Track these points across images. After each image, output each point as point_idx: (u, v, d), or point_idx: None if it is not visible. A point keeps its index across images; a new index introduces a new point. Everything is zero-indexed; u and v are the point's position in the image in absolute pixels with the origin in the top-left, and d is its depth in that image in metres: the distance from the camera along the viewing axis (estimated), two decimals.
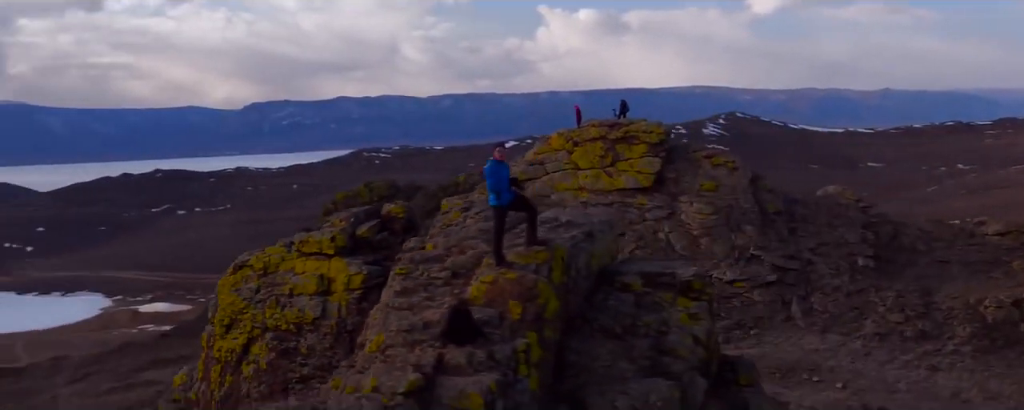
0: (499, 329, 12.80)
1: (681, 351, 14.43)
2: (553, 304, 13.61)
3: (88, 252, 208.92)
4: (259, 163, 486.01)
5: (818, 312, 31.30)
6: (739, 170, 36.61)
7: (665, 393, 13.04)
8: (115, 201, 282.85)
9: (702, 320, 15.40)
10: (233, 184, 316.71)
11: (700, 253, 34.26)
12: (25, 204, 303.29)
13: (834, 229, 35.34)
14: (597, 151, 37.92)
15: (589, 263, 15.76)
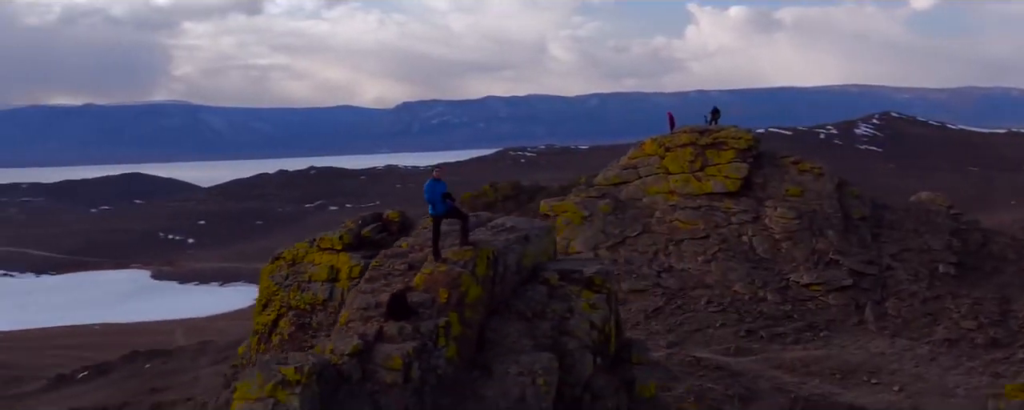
0: (430, 310, 16.25)
1: (578, 333, 17.68)
2: (474, 291, 16.93)
3: (245, 245, 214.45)
4: (409, 161, 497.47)
5: (891, 317, 31.88)
6: (825, 176, 37.34)
7: (546, 363, 16.47)
8: (271, 196, 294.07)
9: (600, 309, 18.45)
10: (383, 181, 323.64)
11: (780, 256, 35.28)
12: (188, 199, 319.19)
13: (920, 236, 35.67)
14: (687, 156, 39.32)
15: (520, 261, 19.03)
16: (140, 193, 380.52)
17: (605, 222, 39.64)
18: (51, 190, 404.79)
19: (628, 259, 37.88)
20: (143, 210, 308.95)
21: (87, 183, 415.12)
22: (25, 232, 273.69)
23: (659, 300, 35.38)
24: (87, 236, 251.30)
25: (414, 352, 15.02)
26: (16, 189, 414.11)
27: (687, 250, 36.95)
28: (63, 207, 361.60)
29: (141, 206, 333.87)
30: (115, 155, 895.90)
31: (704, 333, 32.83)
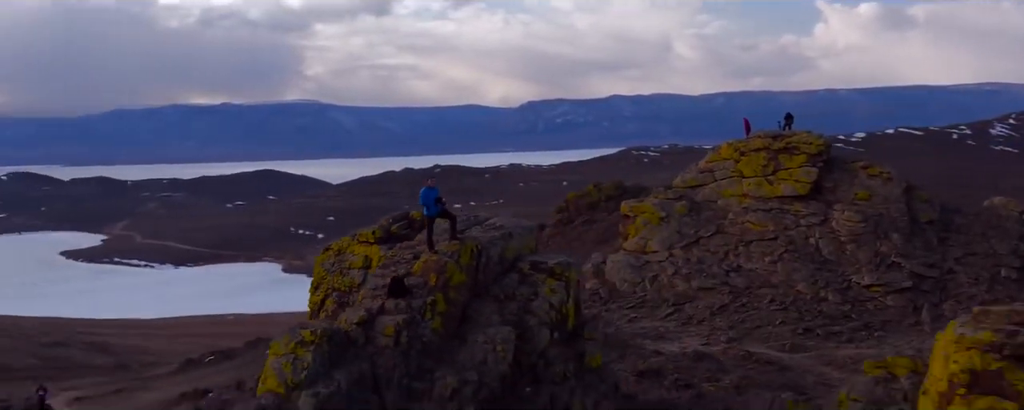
0: (422, 290, 20.42)
1: (538, 312, 21.70)
2: (457, 277, 20.95)
3: None
4: (532, 160, 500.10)
5: (947, 318, 32.68)
6: (893, 181, 38.28)
7: (506, 335, 20.63)
8: (397, 194, 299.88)
9: (558, 293, 22.36)
10: (507, 180, 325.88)
11: (844, 258, 36.52)
12: (318, 195, 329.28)
13: (987, 240, 36.32)
14: (760, 161, 40.80)
15: (502, 253, 22.94)
16: (273, 189, 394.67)
17: (681, 223, 41.46)
18: (189, 186, 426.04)
19: (700, 258, 39.68)
20: (275, 206, 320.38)
21: (223, 179, 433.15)
22: (165, 226, 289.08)
23: (726, 298, 37.14)
24: (222, 230, 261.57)
25: (404, 323, 19.64)
26: (157, 184, 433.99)
27: (756, 251, 38.51)
28: (200, 202, 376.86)
29: (273, 202, 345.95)
30: (249, 152, 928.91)
31: (764, 330, 34.44)
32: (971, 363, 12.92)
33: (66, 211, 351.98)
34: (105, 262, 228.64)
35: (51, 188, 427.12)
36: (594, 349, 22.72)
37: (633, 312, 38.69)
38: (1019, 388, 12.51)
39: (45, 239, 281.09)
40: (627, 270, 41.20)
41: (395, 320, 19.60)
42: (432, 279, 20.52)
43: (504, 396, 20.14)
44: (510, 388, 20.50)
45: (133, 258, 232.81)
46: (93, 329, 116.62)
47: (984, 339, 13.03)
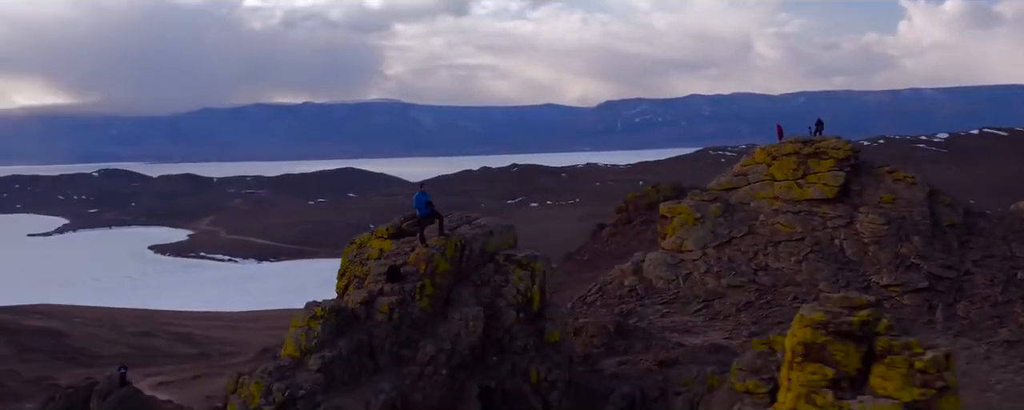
0: (414, 276, 24.97)
1: (507, 296, 26.21)
2: (442, 266, 25.59)
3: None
4: (609, 160, 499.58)
5: (960, 318, 34.27)
6: (917, 185, 39.66)
7: (477, 313, 25.17)
8: (474, 193, 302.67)
9: (524, 281, 26.61)
10: (583, 179, 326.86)
11: (867, 259, 38.11)
12: (396, 193, 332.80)
13: (1007, 243, 37.53)
14: (791, 165, 42.51)
15: (483, 248, 27.48)
16: (353, 187, 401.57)
17: (715, 224, 43.39)
18: (272, 183, 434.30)
19: (731, 257, 41.61)
20: (355, 203, 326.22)
21: (305, 177, 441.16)
22: (248, 222, 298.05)
23: (752, 295, 39.03)
24: (304, 227, 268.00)
25: (397, 302, 24.48)
26: (241, 181, 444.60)
27: (783, 251, 40.29)
28: (283, 199, 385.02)
29: (354, 199, 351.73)
30: (331, 151, 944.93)
31: (783, 326, 36.19)
32: (805, 337, 16.27)
33: (155, 207, 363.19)
34: (191, 256, 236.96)
35: (140, 184, 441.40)
36: (553, 327, 26.74)
37: (665, 307, 40.81)
38: (837, 357, 15.91)
39: (135, 234, 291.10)
40: (663, 268, 43.31)
41: (390, 300, 24.37)
42: (422, 267, 25.05)
43: (473, 363, 24.71)
44: (479, 357, 25.05)
45: (218, 253, 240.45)
46: (179, 321, 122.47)
47: (816, 319, 16.36)
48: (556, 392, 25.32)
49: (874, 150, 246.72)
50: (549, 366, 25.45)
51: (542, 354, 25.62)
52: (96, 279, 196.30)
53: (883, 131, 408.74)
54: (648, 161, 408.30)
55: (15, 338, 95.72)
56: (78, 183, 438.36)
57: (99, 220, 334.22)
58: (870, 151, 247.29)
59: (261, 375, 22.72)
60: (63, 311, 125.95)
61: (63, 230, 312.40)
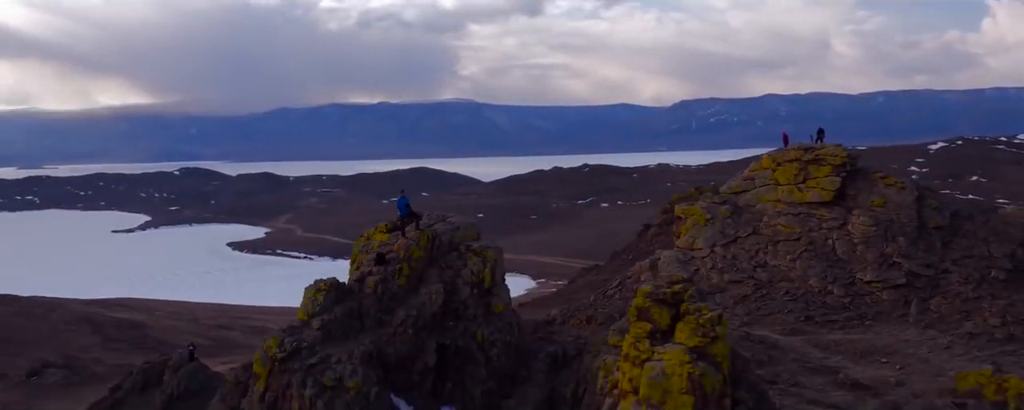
0: (396, 261, 31.84)
1: (464, 276, 32.55)
2: (417, 253, 32.33)
3: (519, 237, 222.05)
4: (684, 160, 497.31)
5: (931, 312, 37.34)
6: (906, 190, 42.70)
7: (438, 289, 31.80)
8: (545, 192, 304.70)
9: (478, 265, 32.83)
10: (654, 179, 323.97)
11: (855, 258, 41.35)
12: (469, 192, 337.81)
13: (987, 244, 40.35)
14: (793, 170, 45.87)
15: (450, 239, 34.24)
16: (426, 186, 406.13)
17: (723, 224, 46.95)
18: (347, 182, 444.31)
19: (734, 255, 45.16)
20: (428, 202, 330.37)
21: (379, 176, 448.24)
22: (323, 220, 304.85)
23: (748, 289, 42.56)
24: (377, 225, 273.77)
25: (381, 280, 31.45)
26: (317, 181, 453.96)
27: (781, 249, 43.70)
28: (357, 198, 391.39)
29: (426, 198, 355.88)
30: (405, 150, 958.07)
31: (773, 316, 39.74)
32: (639, 303, 21.46)
33: (233, 205, 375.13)
34: (268, 253, 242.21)
35: (220, 183, 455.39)
36: (498, 301, 33.14)
37: None
38: (655, 317, 20.94)
39: (213, 231, 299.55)
40: (675, 265, 46.97)
41: (376, 278, 31.41)
42: (402, 254, 32.01)
43: (434, 326, 31.46)
44: (439, 321, 31.68)
45: (293, 250, 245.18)
46: (254, 315, 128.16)
47: (646, 291, 21.65)
48: (496, 350, 31.57)
49: (951, 151, 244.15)
50: (492, 330, 31.76)
51: (488, 321, 31.98)
52: (176, 274, 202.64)
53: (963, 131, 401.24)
54: (721, 161, 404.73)
55: (100, 329, 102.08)
56: (160, 181, 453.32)
57: (180, 217, 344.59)
58: (947, 152, 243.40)
59: (278, 333, 30.15)
60: (145, 304, 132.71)
61: (145, 227, 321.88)
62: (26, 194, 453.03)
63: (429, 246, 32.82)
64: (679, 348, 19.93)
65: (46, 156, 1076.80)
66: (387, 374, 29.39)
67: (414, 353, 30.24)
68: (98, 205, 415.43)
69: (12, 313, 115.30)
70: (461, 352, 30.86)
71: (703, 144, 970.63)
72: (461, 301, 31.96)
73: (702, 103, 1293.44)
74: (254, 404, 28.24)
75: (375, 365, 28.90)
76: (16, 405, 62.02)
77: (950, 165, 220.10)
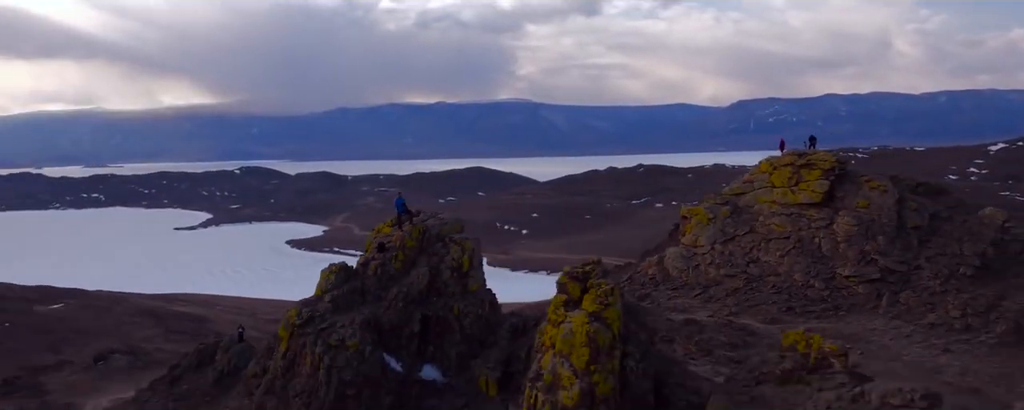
0: (393, 249, 39.05)
1: (447, 262, 39.08)
2: (409, 243, 39.37)
3: (573, 237, 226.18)
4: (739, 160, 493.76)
5: (900, 305, 40.88)
6: (888, 193, 46.19)
7: (425, 272, 38.44)
8: (600, 192, 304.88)
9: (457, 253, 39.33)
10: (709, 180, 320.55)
11: (837, 255, 45.01)
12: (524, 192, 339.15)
13: (959, 244, 43.71)
14: (787, 174, 49.56)
15: (438, 232, 40.58)
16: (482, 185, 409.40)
17: (724, 224, 50.83)
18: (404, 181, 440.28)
19: (731, 252, 49.06)
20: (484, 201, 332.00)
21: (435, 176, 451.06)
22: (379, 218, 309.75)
23: (740, 283, 46.49)
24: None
25: (380, 264, 38.49)
26: (374, 180, 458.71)
27: (773, 247, 47.49)
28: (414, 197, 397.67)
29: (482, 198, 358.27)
30: (462, 149, 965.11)
31: (759, 307, 43.60)
32: (560, 280, 26.86)
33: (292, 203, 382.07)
34: (325, 251, 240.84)
35: (280, 182, 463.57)
36: (473, 282, 39.67)
37: (674, 292, 48.62)
38: (569, 290, 26.13)
39: (273, 229, 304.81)
40: (679, 260, 51.06)
41: (377, 263, 38.65)
42: (398, 244, 39.00)
43: (421, 300, 37.88)
44: (425, 297, 38.02)
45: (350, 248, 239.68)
46: None
47: (566, 270, 27.03)
48: (469, 320, 38.23)
49: (1012, 152, 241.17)
50: (466, 304, 38.66)
51: (464, 297, 38.82)
52: (236, 271, 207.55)
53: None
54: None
55: (162, 321, 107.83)
56: (221, 180, 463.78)
57: (240, 215, 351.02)
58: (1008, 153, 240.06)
59: (297, 305, 37.54)
60: (206, 299, 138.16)
61: (207, 224, 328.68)
62: (92, 192, 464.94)
63: (420, 237, 39.72)
64: (582, 313, 24.98)
65: (111, 155, 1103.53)
66: (380, 337, 35.94)
67: (403, 322, 36.91)
68: (161, 203, 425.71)
69: (79, 306, 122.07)
70: (440, 322, 37.57)
71: (761, 144, 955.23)
72: (443, 281, 38.54)
73: (760, 103, 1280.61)
74: (277, 362, 35.29)
75: (371, 330, 35.52)
76: (84, 386, 67.31)
77: (1009, 166, 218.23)
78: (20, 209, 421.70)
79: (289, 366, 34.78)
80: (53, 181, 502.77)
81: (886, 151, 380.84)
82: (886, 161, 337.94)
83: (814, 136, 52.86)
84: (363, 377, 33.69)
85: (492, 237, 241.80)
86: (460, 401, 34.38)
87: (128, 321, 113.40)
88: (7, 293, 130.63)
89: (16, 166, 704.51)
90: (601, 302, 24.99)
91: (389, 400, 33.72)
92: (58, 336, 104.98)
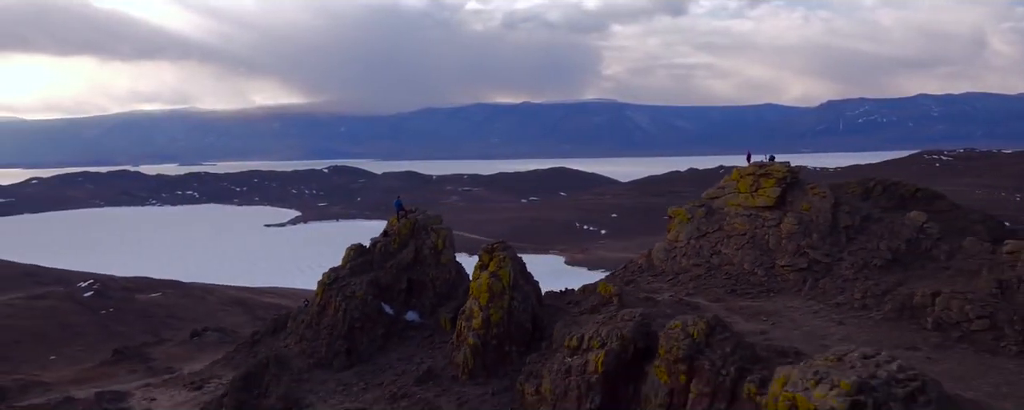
0: (392, 235, 55.82)
1: (428, 244, 54.64)
2: (403, 231, 55.74)
3: (649, 238, 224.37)
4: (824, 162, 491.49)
5: (818, 289, 50.64)
6: (826, 198, 55.85)
7: (412, 251, 54.70)
8: (680, 193, 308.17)
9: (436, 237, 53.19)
10: None
11: (779, 249, 54.87)
12: (605, 192, 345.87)
13: (879, 240, 53.18)
14: (749, 181, 59.49)
15: (425, 223, 55.77)
16: (564, 185, 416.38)
17: (699, 223, 60.98)
18: (487, 181, 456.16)
19: (701, 246, 59.24)
20: (564, 201, 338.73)
21: (519, 176, 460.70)
22: (462, 217, 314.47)
23: (702, 271, 56.69)
24: (514, 223, 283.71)
25: (383, 244, 55.15)
26: (458, 179, 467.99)
27: (732, 242, 57.53)
28: (496, 196, 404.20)
29: (563, 198, 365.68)
30: (547, 149, 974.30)
31: (709, 290, 53.71)
32: (480, 254, 37.44)
33: (378, 202, 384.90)
34: None
35: (366, 180, 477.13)
36: (446, 256, 53.96)
37: (653, 279, 59.01)
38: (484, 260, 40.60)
39: (359, 226, 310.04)
40: (662, 253, 61.47)
41: (380, 244, 54.16)
42: (395, 231, 53.97)
43: (409, 268, 52.20)
44: (411, 266, 52.42)
45: None
46: None
47: (484, 247, 39.49)
48: (439, 282, 52.76)
49: None
50: (438, 272, 53.64)
51: (437, 268, 53.88)
52: (322, 267, 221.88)
53: None
54: (859, 165, 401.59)
55: (251, 310, 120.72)
56: (310, 178, 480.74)
57: (327, 213, 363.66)
58: None
59: (327, 273, 53.22)
60: (293, 292, 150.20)
61: (296, 221, 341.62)
62: (186, 189, 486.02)
63: (412, 227, 54.50)
64: (486, 272, 37.30)
65: (205, 153, 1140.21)
66: (380, 292, 50.43)
67: (395, 282, 51.93)
68: (252, 200, 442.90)
69: (177, 295, 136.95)
70: (420, 283, 52.28)
71: (850, 146, 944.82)
72: (424, 256, 53.43)
73: (850, 103, 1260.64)
74: (313, 309, 50.23)
75: (373, 287, 50.21)
76: (182, 356, 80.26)
77: None
78: (119, 205, 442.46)
79: (321, 310, 49.23)
80: (150, 178, 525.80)
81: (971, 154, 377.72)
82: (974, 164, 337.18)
83: (773, 155, 62.45)
84: (367, 316, 47.77)
85: (571, 237, 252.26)
86: (428, 333, 48.59)
87: (219, 309, 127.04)
88: (110, 283, 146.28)
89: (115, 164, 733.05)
90: (498, 265, 36.67)
91: (382, 331, 47.81)
92: (157, 320, 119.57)
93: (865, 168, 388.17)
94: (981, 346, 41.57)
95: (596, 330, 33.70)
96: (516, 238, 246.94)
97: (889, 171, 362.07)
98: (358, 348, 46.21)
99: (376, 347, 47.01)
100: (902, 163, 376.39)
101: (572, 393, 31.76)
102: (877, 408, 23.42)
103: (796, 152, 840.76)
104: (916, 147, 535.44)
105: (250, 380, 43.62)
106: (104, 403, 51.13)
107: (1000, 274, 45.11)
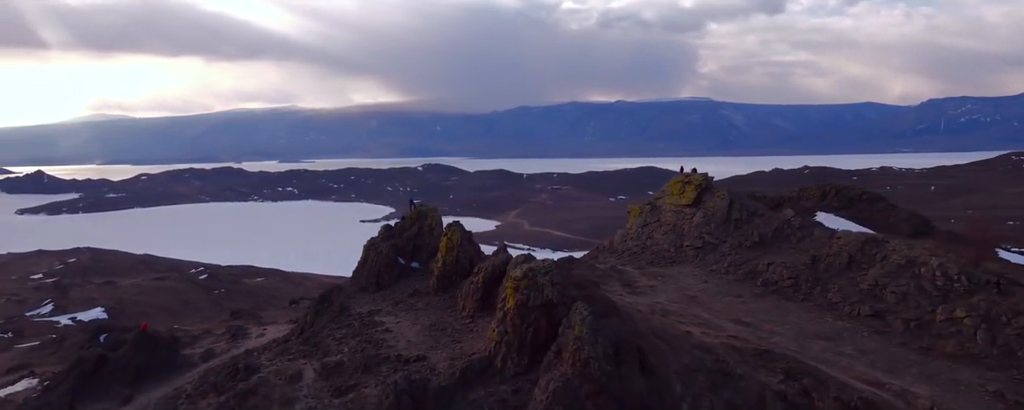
0: (407, 218, 72.36)
1: (427, 227, 69.62)
2: (413, 216, 70.41)
3: None
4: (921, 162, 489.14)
5: (708, 262, 74.19)
6: (724, 199, 79.25)
7: (416, 230, 71.08)
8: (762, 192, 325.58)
9: (432, 220, 71.22)
10: (872, 182, 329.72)
11: (689, 233, 78.53)
12: None
13: (756, 228, 76.42)
14: (679, 187, 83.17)
15: (426, 213, 71.12)
16: (652, 185, 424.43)
17: (647, 216, 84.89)
18: (576, 180, 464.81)
19: (643, 233, 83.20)
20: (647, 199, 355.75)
21: (607, 175, 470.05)
22: (550, 215, 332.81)
23: (638, 250, 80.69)
24: (596, 221, 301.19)
25: (401, 224, 71.27)
26: (548, 178, 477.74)
27: (662, 230, 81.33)
28: (585, 195, 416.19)
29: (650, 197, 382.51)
30: (640, 148, 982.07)
31: (637, 262, 77.58)
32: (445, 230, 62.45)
33: (469, 199, 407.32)
34: (494, 245, 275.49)
35: (458, 178, 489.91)
36: (437, 232, 67.39)
37: (613, 258, 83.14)
38: (448, 233, 66.79)
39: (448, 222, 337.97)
40: (620, 239, 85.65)
41: (400, 224, 71.03)
42: (408, 216, 70.62)
43: (414, 237, 68.68)
44: (415, 236, 68.89)
45: (519, 242, 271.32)
46: None
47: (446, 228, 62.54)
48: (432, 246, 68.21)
49: None
50: (432, 240, 66.87)
51: (431, 237, 67.59)
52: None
53: None
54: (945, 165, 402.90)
55: None
56: (404, 176, 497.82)
57: None
58: None
59: (368, 241, 71.43)
60: None
61: (389, 217, 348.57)
62: (287, 186, 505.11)
63: (417, 214, 69.75)
64: (446, 237, 60.44)
65: (305, 151, 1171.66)
66: (397, 251, 68.01)
67: (406, 246, 66.80)
68: (349, 197, 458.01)
69: (278, 280, 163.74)
70: (421, 246, 67.75)
71: (950, 145, 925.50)
72: (423, 233, 68.72)
73: (952, 102, 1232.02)
74: (361, 262, 71.14)
75: (393, 248, 67.54)
76: (283, 316, 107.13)
77: None
78: (223, 201, 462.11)
79: (363, 262, 69.39)
80: (252, 175, 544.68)
81: None
82: None
83: (695, 168, 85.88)
84: (388, 264, 67.33)
85: None
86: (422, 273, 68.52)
87: (316, 292, 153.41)
88: (219, 271, 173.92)
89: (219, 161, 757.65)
90: (450, 237, 60.47)
91: (397, 272, 67.72)
92: (262, 299, 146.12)
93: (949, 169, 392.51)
94: (784, 296, 64.79)
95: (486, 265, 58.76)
96: (598, 235, 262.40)
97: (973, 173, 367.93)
98: (382, 281, 67.21)
99: (392, 281, 67.38)
100: (989, 164, 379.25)
101: (471, 292, 55.53)
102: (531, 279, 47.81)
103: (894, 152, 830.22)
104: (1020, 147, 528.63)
105: (324, 299, 68.31)
106: (233, 331, 77.46)
107: (816, 251, 68.30)
